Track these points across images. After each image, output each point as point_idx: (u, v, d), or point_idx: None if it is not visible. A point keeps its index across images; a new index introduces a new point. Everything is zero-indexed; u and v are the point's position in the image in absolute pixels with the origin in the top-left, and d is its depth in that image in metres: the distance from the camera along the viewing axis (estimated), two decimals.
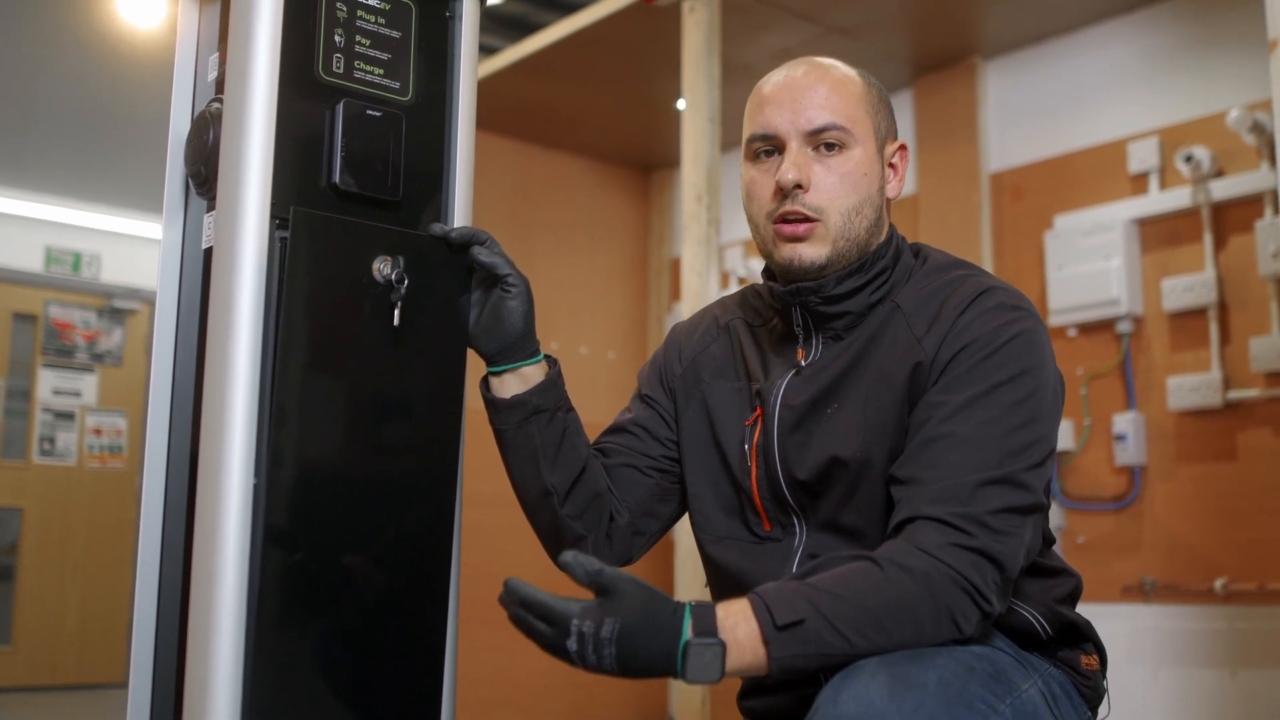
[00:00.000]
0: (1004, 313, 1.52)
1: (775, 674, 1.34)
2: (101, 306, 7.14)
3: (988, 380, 1.48)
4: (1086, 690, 1.59)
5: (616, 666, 1.30)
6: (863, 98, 1.62)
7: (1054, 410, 1.52)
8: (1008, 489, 1.43)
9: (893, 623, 1.35)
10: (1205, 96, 3.66)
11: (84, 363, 7.06)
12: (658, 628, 1.31)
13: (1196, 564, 3.50)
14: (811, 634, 1.33)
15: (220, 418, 1.43)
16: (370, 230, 1.56)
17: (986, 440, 1.45)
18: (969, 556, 1.38)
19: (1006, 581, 1.42)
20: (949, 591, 1.37)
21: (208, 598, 1.41)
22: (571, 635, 1.31)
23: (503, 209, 4.82)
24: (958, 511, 1.40)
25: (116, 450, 7.08)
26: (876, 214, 1.62)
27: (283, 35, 1.51)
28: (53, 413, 6.93)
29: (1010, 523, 1.42)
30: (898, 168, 1.66)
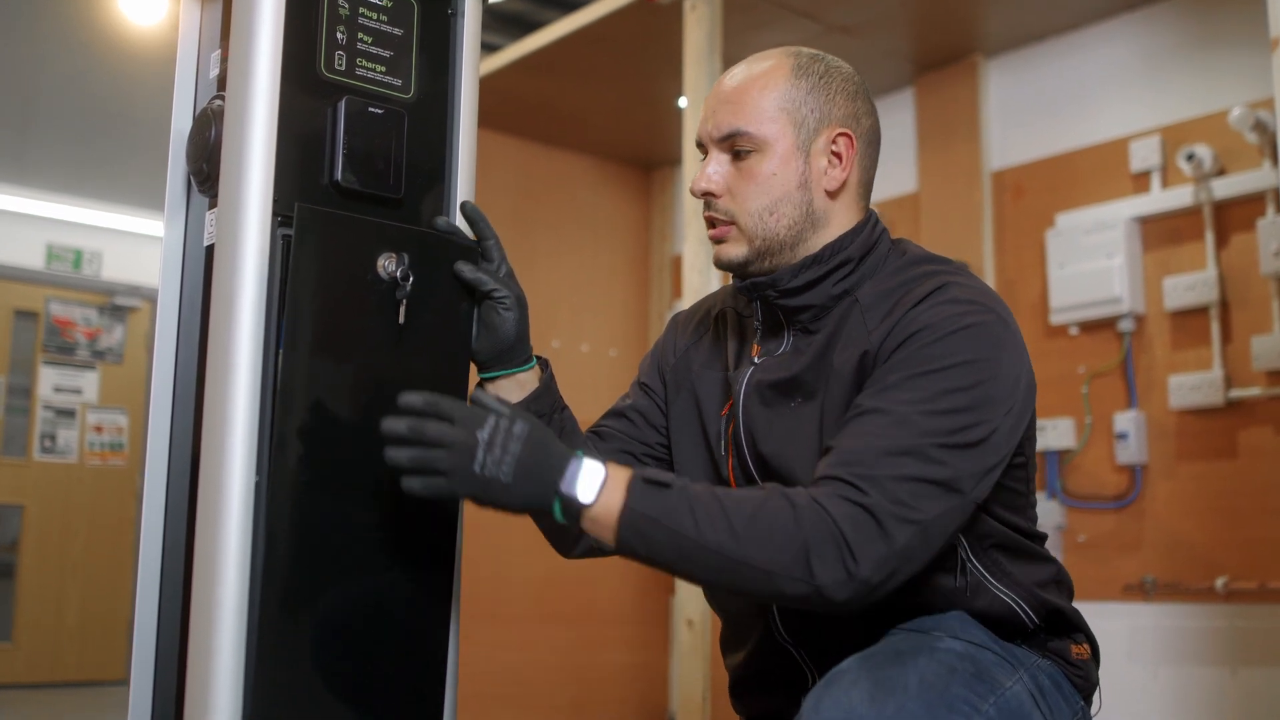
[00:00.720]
0: (958, 305, 1.49)
1: (621, 531, 1.36)
2: (103, 304, 7.14)
3: (927, 365, 1.44)
4: (1078, 680, 1.58)
5: (513, 468, 1.35)
6: (781, 96, 1.59)
7: (1001, 406, 1.45)
8: (918, 461, 1.38)
9: (747, 532, 1.34)
10: (1207, 95, 3.65)
11: (85, 360, 7.06)
12: (555, 446, 1.39)
13: (1197, 562, 3.50)
14: (669, 502, 1.36)
15: (222, 415, 1.43)
16: (375, 227, 1.56)
17: (910, 417, 1.40)
18: (851, 510, 1.34)
19: (889, 549, 1.34)
20: (815, 531, 1.33)
21: (209, 595, 1.41)
22: (486, 425, 1.37)
23: (504, 206, 4.82)
24: (858, 472, 1.37)
25: (117, 448, 7.08)
26: (800, 209, 1.60)
27: (284, 32, 1.51)
28: (54, 410, 6.93)
29: (913, 493, 1.36)
30: (841, 156, 1.61)
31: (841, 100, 1.62)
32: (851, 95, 1.64)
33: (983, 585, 1.53)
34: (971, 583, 1.52)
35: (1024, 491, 1.58)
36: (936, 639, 1.46)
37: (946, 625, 1.50)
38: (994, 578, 1.54)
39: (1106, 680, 1.71)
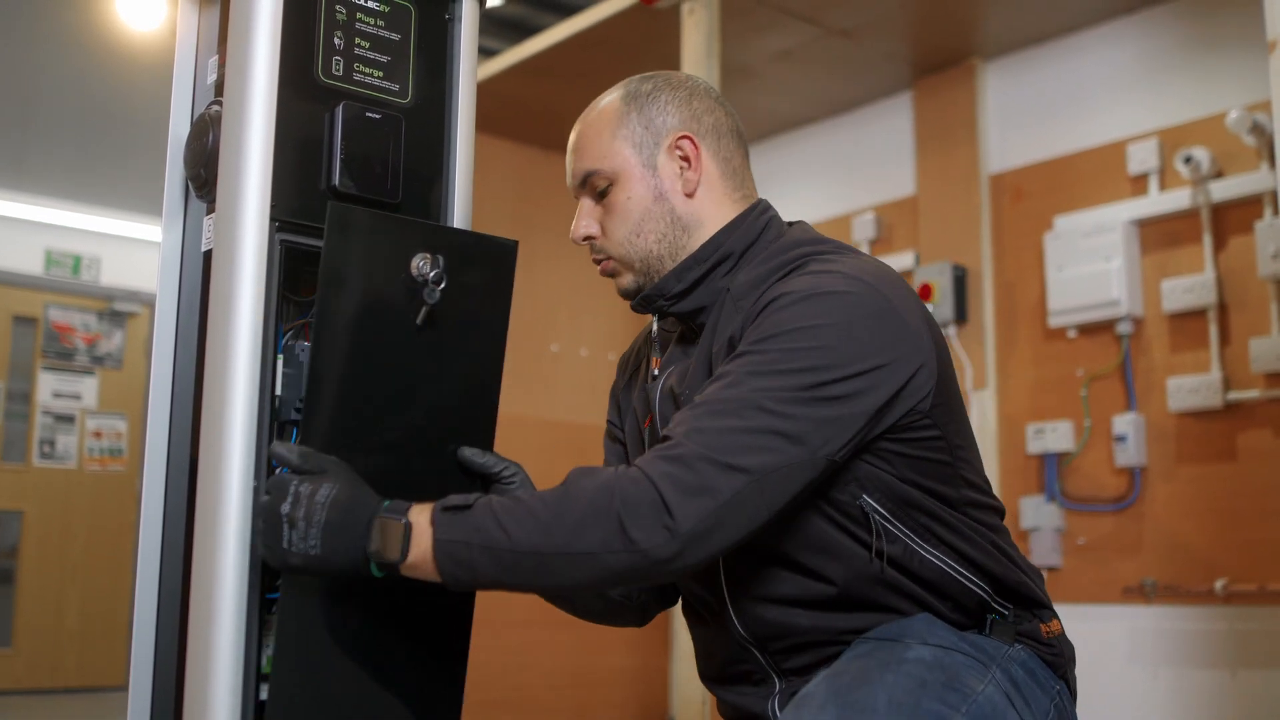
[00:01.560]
0: (815, 277, 1.47)
1: (440, 563, 1.34)
2: (101, 309, 7.14)
3: (772, 330, 1.42)
4: (1052, 658, 1.56)
5: (320, 538, 1.35)
6: (614, 127, 1.64)
7: (853, 366, 1.40)
8: (749, 412, 1.36)
9: (556, 523, 1.32)
10: (1205, 97, 3.66)
11: (84, 365, 7.06)
12: (361, 501, 1.37)
13: (1197, 565, 3.50)
14: (474, 521, 1.34)
15: (220, 420, 1.44)
16: (410, 226, 1.55)
17: (744, 378, 1.39)
18: (667, 467, 1.32)
19: (716, 503, 1.32)
20: (628, 497, 1.31)
21: (208, 600, 1.41)
22: (289, 497, 1.37)
23: (503, 211, 4.82)
24: (681, 430, 1.36)
25: (116, 453, 7.08)
26: (664, 220, 1.62)
27: (282, 38, 1.51)
28: (53, 415, 6.92)
29: (741, 444, 1.34)
30: (690, 159, 1.63)
31: (673, 109, 1.65)
32: (684, 101, 1.66)
33: (910, 549, 1.49)
34: (899, 549, 1.48)
35: (948, 462, 1.52)
36: (904, 648, 1.44)
37: (913, 630, 1.48)
38: (921, 539, 1.50)
39: (1107, 683, 1.70)
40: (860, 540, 1.49)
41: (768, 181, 4.89)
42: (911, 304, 1.51)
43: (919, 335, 1.49)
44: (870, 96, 4.54)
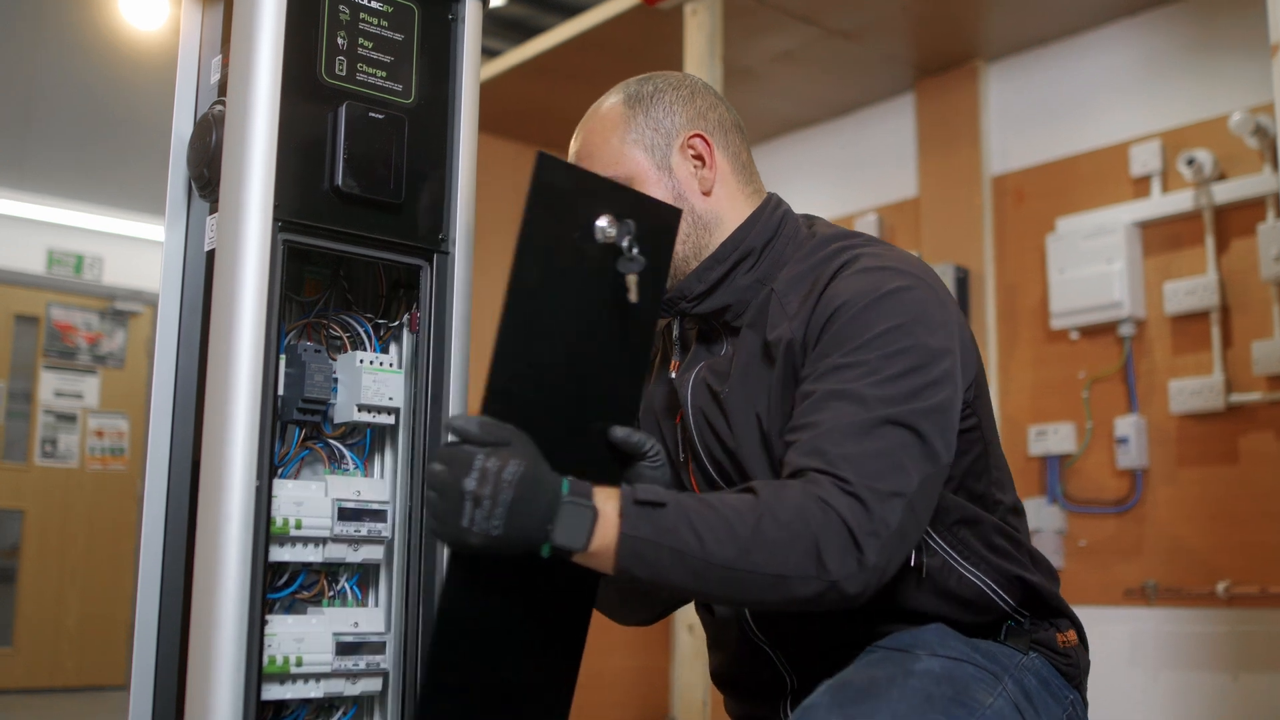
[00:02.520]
0: (871, 274, 1.48)
1: (622, 559, 1.29)
2: (103, 308, 7.14)
3: (859, 338, 1.43)
4: (1067, 668, 1.55)
5: (505, 518, 1.26)
6: (622, 131, 1.64)
7: (943, 360, 1.43)
8: (887, 434, 1.36)
9: (754, 541, 1.29)
10: (1207, 100, 3.66)
11: (86, 365, 7.06)
12: (545, 481, 1.29)
13: (1198, 567, 3.50)
14: (667, 521, 1.29)
15: (223, 420, 1.44)
16: (596, 183, 1.50)
17: (863, 393, 1.38)
18: (847, 500, 1.31)
19: (883, 530, 1.31)
20: (823, 527, 1.29)
21: (210, 600, 1.41)
22: (473, 472, 1.26)
23: (505, 212, 4.81)
24: (833, 457, 1.34)
25: (118, 452, 7.08)
26: (686, 221, 1.61)
27: (285, 38, 1.51)
28: (54, 415, 6.93)
29: (892, 468, 1.34)
30: (704, 157, 1.64)
31: (678, 108, 1.65)
32: (687, 99, 1.67)
33: (949, 565, 1.50)
34: (938, 563, 1.49)
35: (980, 454, 1.54)
36: (913, 659, 1.43)
37: (924, 641, 1.46)
38: (960, 556, 1.51)
39: (1108, 685, 1.70)
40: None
41: (770, 183, 4.88)
42: (945, 290, 1.54)
43: (961, 321, 1.52)
44: (872, 98, 4.54)
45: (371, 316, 1.69)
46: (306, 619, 1.56)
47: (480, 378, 1.70)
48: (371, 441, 1.69)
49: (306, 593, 1.61)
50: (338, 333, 1.67)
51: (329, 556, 1.58)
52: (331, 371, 1.61)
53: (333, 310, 1.69)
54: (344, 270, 1.71)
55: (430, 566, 1.61)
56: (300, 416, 1.59)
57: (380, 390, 1.62)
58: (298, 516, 1.54)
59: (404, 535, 1.63)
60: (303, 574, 1.60)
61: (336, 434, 1.65)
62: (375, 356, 1.64)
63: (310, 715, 1.61)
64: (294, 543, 1.55)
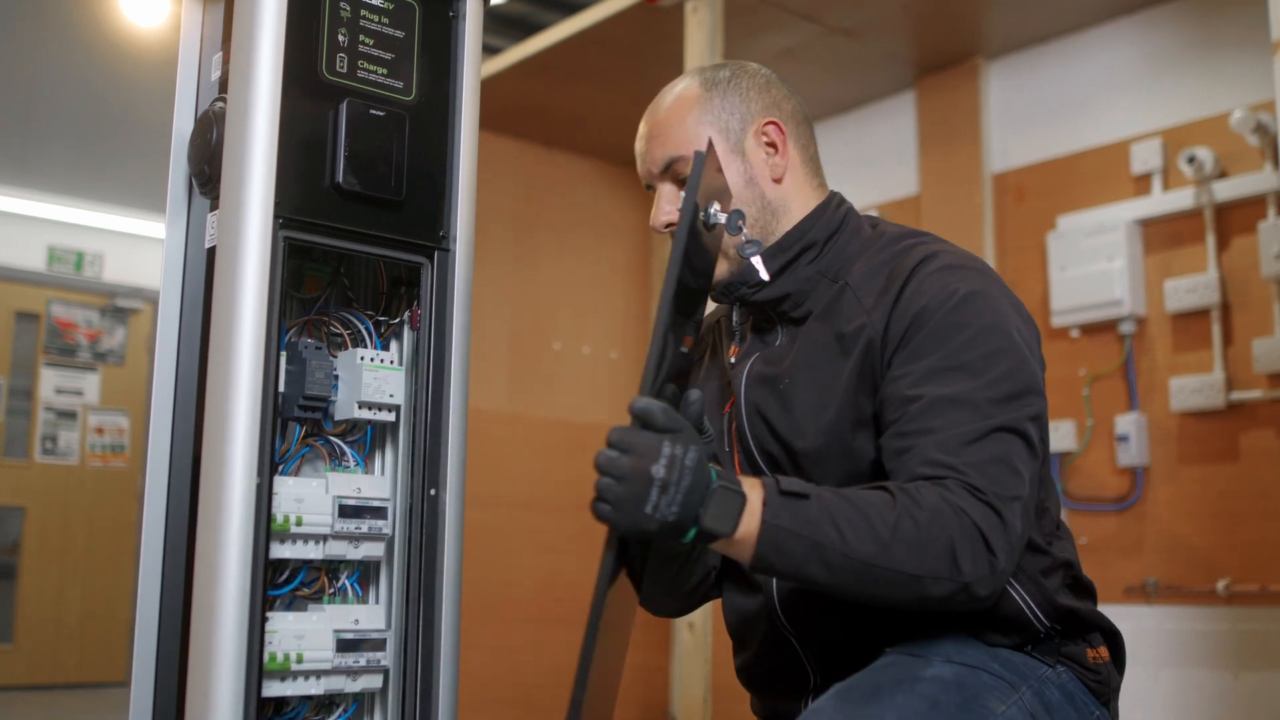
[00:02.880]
0: (950, 273, 1.50)
1: (761, 547, 1.30)
2: (104, 306, 7.14)
3: (951, 341, 1.44)
4: (1095, 685, 1.54)
5: (681, 503, 1.25)
6: (699, 112, 1.64)
7: (1030, 358, 1.47)
8: (999, 438, 1.39)
9: (895, 540, 1.30)
10: (1208, 98, 3.66)
11: (86, 362, 7.06)
12: (704, 466, 1.29)
13: (1199, 565, 3.50)
14: (809, 513, 1.31)
15: (223, 417, 1.44)
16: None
17: (968, 396, 1.40)
18: (978, 505, 1.34)
19: (1012, 535, 1.34)
20: (959, 531, 1.31)
21: (210, 596, 1.41)
22: (662, 458, 1.25)
23: (506, 209, 4.82)
24: (956, 464, 1.36)
25: (118, 449, 7.08)
26: (755, 205, 1.63)
27: (286, 35, 1.51)
28: (55, 412, 6.93)
29: (1009, 471, 1.37)
30: (777, 145, 1.65)
31: (755, 94, 1.66)
32: (764, 87, 1.68)
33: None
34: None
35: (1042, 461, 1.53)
36: (925, 665, 1.42)
37: (939, 648, 1.45)
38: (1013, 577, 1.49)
39: None
40: None
41: None
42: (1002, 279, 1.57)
43: (1019, 301, 1.55)
44: (873, 96, 4.53)
45: (372, 314, 1.70)
46: (307, 616, 1.56)
47: (480, 375, 1.70)
48: (372, 439, 1.69)
49: (307, 590, 1.61)
50: (338, 330, 1.67)
51: (329, 554, 1.58)
52: (332, 369, 1.61)
53: (333, 307, 1.69)
54: (344, 267, 1.71)
55: (431, 564, 1.61)
56: (301, 414, 1.59)
57: (381, 387, 1.62)
58: (298, 513, 1.54)
59: (404, 532, 1.63)
60: (303, 571, 1.60)
61: (337, 431, 1.65)
62: (376, 354, 1.64)
63: (311, 712, 1.61)
64: (294, 540, 1.55)
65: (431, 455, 1.63)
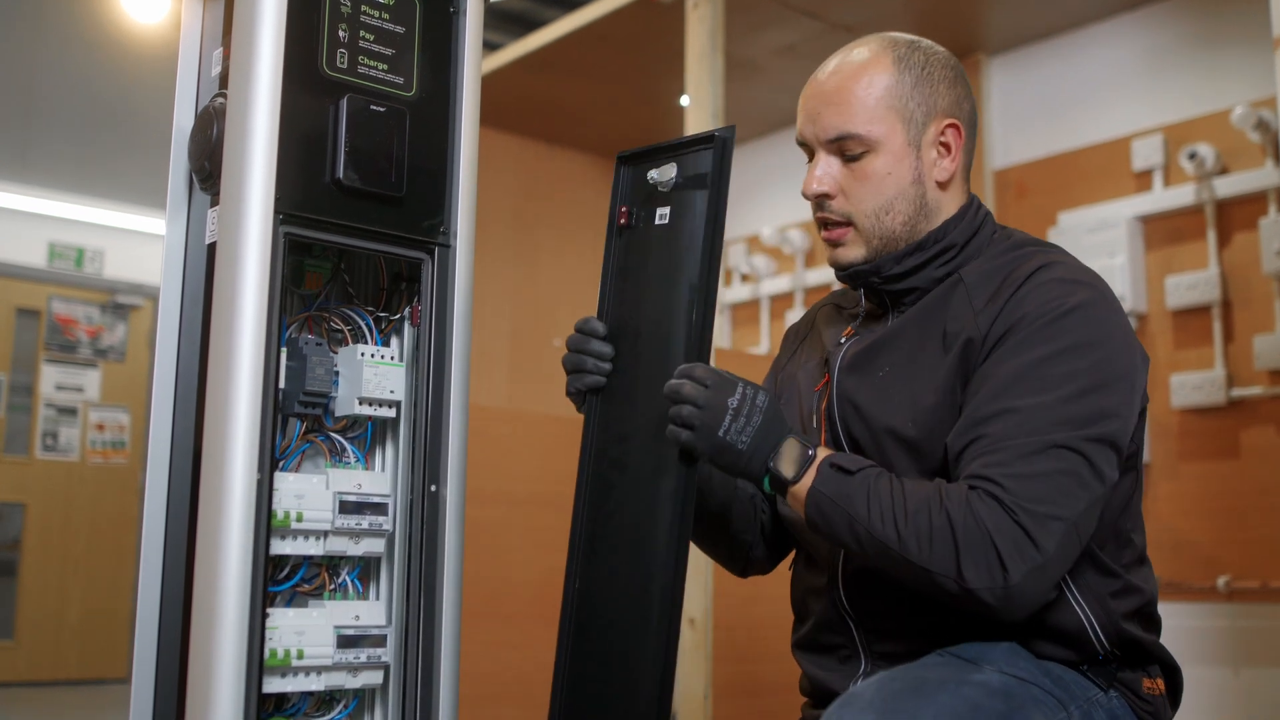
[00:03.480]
0: (1061, 286, 1.47)
1: (809, 507, 1.44)
2: (104, 302, 7.14)
3: (1040, 351, 1.43)
4: (1147, 715, 1.52)
5: (752, 436, 1.46)
6: (887, 93, 1.56)
7: (1122, 383, 1.44)
8: (1058, 455, 1.37)
9: (907, 529, 1.38)
10: (1209, 94, 3.65)
11: (87, 358, 7.07)
12: (781, 419, 1.49)
13: (1199, 562, 3.50)
14: (848, 488, 1.43)
15: (224, 412, 1.43)
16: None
17: (1038, 410, 1.39)
18: (1001, 519, 1.35)
19: (1040, 554, 1.34)
20: (967, 536, 1.34)
21: (211, 593, 1.41)
22: (736, 393, 1.46)
23: (506, 205, 4.82)
24: (1000, 474, 1.37)
25: (119, 446, 7.08)
26: (915, 204, 1.58)
27: (286, 30, 1.51)
28: (55, 408, 6.93)
29: (1059, 490, 1.36)
30: (950, 146, 1.60)
31: (944, 89, 1.60)
32: (952, 82, 1.61)
33: (1061, 596, 1.47)
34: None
35: (1132, 483, 1.53)
36: (974, 670, 1.41)
37: (992, 656, 1.44)
38: (1075, 586, 1.48)
39: None
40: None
41: (772, 177, 4.89)
42: (1120, 305, 1.53)
43: (1133, 331, 1.52)
44: None
45: (373, 309, 1.69)
46: (308, 612, 1.56)
47: (481, 371, 1.70)
48: (373, 435, 1.69)
49: (307, 586, 1.61)
50: (339, 326, 1.66)
51: (330, 549, 1.58)
52: (333, 364, 1.61)
53: (334, 303, 1.69)
54: (345, 263, 1.71)
55: (431, 560, 1.61)
56: (301, 409, 1.59)
57: (381, 383, 1.62)
58: (299, 509, 1.54)
59: (405, 528, 1.63)
60: (304, 567, 1.60)
61: (337, 427, 1.65)
62: (376, 350, 1.64)
63: (311, 708, 1.61)
64: (295, 536, 1.55)
65: (432, 451, 1.63)
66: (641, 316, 1.65)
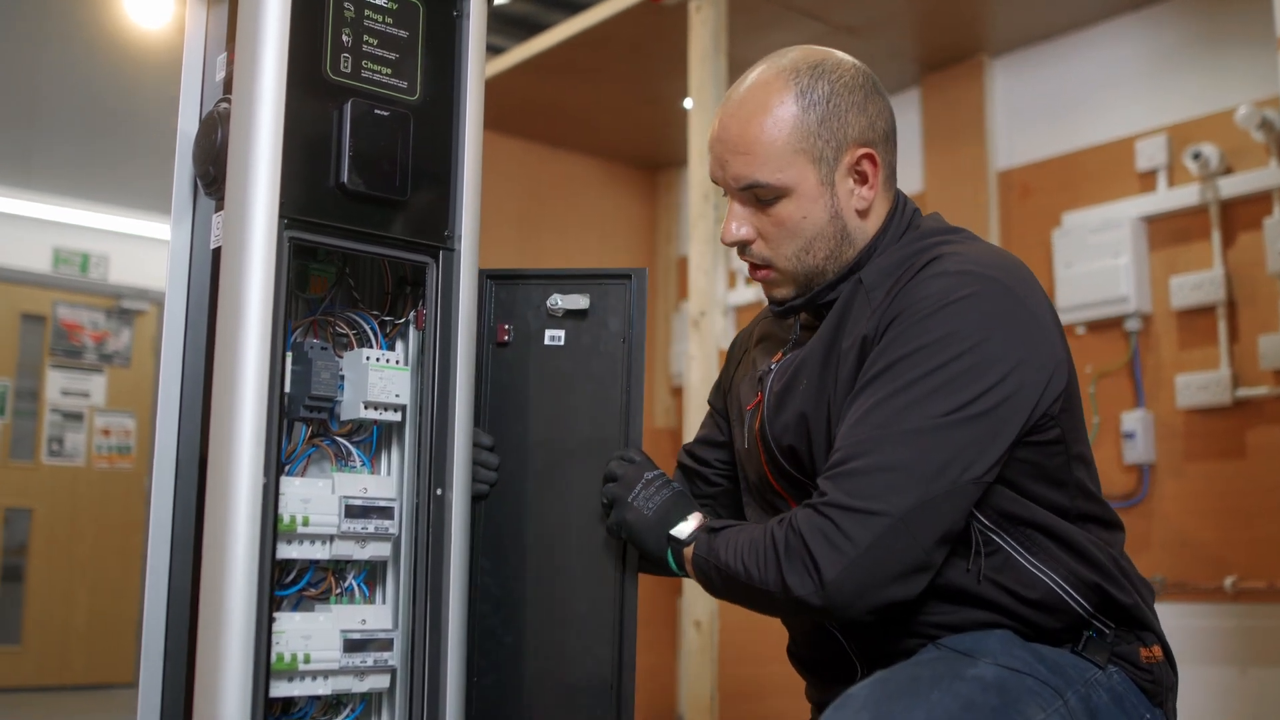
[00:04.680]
0: (947, 279, 1.44)
1: (694, 569, 1.56)
2: (109, 307, 7.15)
3: (906, 348, 1.41)
4: (1148, 685, 1.49)
5: (655, 509, 1.62)
6: (793, 136, 1.53)
7: (992, 374, 1.39)
8: (893, 450, 1.36)
9: (747, 555, 1.45)
10: (1213, 93, 3.65)
11: (92, 363, 7.07)
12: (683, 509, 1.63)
13: (1206, 562, 3.50)
14: (717, 542, 1.52)
15: (230, 417, 1.44)
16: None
17: (886, 405, 1.39)
18: (811, 517, 1.39)
19: (857, 553, 1.35)
20: (784, 545, 1.40)
21: (218, 598, 1.41)
22: (640, 484, 1.65)
23: (511, 209, 4.82)
24: (834, 473, 1.40)
25: (125, 451, 7.09)
26: (834, 239, 1.56)
27: (290, 35, 1.51)
28: (61, 413, 6.94)
29: (884, 486, 1.36)
30: (866, 175, 1.56)
31: (853, 117, 1.55)
32: (861, 105, 1.55)
33: (1015, 561, 1.45)
34: (999, 560, 1.45)
35: (1064, 467, 1.48)
36: (968, 665, 1.40)
37: (986, 648, 1.43)
38: (1029, 553, 1.46)
39: None
40: (954, 551, 1.45)
41: None
42: (1041, 298, 1.49)
43: (1050, 333, 1.47)
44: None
45: (378, 314, 1.69)
46: (314, 616, 1.57)
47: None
48: (378, 439, 1.69)
49: (314, 590, 1.61)
50: (344, 330, 1.67)
51: (336, 554, 1.58)
52: (338, 369, 1.61)
53: (339, 307, 1.69)
54: (350, 267, 1.71)
55: (438, 563, 1.61)
56: (307, 414, 1.59)
57: (387, 387, 1.62)
58: (305, 514, 1.54)
59: (411, 532, 1.63)
60: (310, 571, 1.60)
61: (343, 431, 1.65)
62: (381, 354, 1.64)
63: (318, 712, 1.61)
64: (301, 540, 1.55)
65: (438, 455, 1.63)
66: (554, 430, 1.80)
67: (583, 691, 1.72)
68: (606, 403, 1.77)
